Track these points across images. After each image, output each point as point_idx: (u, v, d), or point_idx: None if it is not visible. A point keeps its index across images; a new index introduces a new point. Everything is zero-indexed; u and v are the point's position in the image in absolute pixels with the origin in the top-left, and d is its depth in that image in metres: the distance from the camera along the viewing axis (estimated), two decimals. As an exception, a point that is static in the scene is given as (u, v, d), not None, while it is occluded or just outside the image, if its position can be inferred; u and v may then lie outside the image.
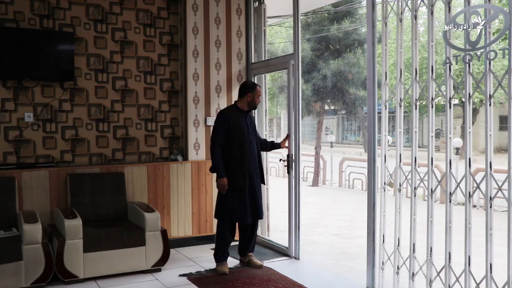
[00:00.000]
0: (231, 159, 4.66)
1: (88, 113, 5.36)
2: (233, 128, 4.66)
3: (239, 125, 4.70)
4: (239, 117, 4.74)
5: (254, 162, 4.77)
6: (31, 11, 5.08)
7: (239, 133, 4.69)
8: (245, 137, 4.71)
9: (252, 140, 4.77)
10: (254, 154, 4.78)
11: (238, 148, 4.67)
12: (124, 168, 5.30)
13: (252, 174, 4.75)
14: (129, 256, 4.59)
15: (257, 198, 4.81)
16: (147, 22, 5.64)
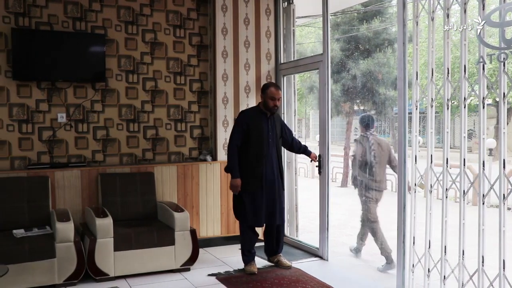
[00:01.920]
0: (246, 161, 4.63)
1: (119, 114, 5.43)
2: (251, 130, 4.63)
3: (258, 127, 4.66)
4: (260, 119, 4.69)
5: (271, 166, 4.69)
6: (65, 14, 5.18)
7: (257, 135, 4.64)
8: (263, 140, 4.65)
9: (271, 144, 4.69)
10: (272, 158, 4.70)
11: (255, 150, 4.63)
12: (154, 168, 5.36)
13: (268, 178, 4.68)
14: (159, 256, 4.63)
15: (274, 203, 4.72)
16: (177, 23, 5.69)
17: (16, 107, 5.02)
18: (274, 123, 4.77)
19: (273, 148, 4.70)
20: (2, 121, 4.97)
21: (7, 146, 4.99)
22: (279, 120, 4.92)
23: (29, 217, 4.66)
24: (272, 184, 4.70)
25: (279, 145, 4.82)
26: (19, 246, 4.14)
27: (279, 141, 4.83)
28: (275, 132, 4.74)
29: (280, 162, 4.80)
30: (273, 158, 4.71)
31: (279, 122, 4.90)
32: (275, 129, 4.76)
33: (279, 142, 4.83)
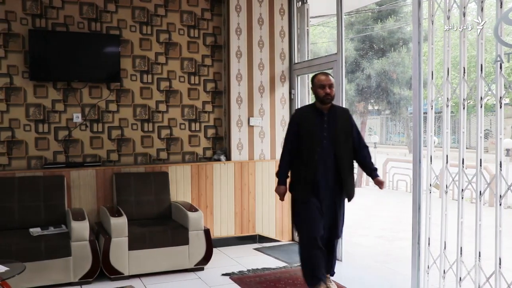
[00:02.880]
0: (299, 166, 4.00)
1: (134, 114, 5.47)
2: (302, 130, 3.95)
3: (310, 126, 3.93)
4: (314, 117, 3.94)
5: (325, 172, 3.89)
6: (80, 15, 5.23)
7: (308, 136, 3.93)
8: (314, 141, 3.89)
9: (326, 146, 3.87)
10: (328, 163, 3.88)
11: (306, 153, 3.91)
12: (168, 167, 5.38)
13: (322, 185, 3.90)
14: (173, 255, 4.65)
15: (333, 216, 4.00)
16: (191, 23, 5.71)
17: (33, 107, 5.07)
18: (334, 121, 3.94)
19: (329, 151, 3.88)
20: (19, 121, 5.03)
21: (24, 146, 5.05)
22: (344, 118, 4.01)
23: (45, 216, 4.71)
24: (329, 193, 3.94)
25: (341, 147, 3.92)
26: (35, 244, 4.18)
27: (342, 142, 3.93)
28: (333, 132, 3.91)
29: (342, 168, 3.91)
30: (329, 163, 3.89)
31: (344, 119, 3.99)
32: (334, 128, 3.92)
33: (341, 144, 3.92)
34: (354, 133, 4.01)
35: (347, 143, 3.95)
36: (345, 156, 3.93)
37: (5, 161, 4.99)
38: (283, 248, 5.59)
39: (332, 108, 3.97)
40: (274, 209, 5.85)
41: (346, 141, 3.95)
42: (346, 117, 4.01)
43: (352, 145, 3.98)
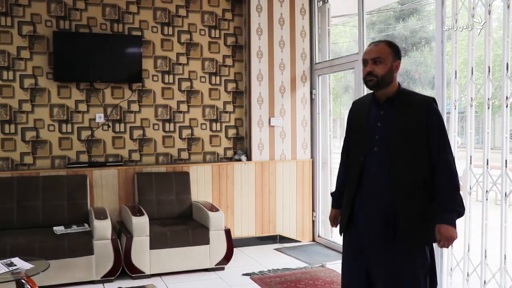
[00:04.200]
0: (346, 181, 2.71)
1: (155, 114, 5.51)
2: (352, 130, 2.73)
3: (360, 124, 2.61)
4: (368, 110, 2.59)
5: (372, 200, 2.48)
6: (103, 16, 5.29)
7: (355, 140, 2.66)
8: (360, 148, 2.57)
9: (377, 155, 2.48)
10: (378, 184, 2.47)
11: (350, 167, 2.67)
12: (189, 167, 5.41)
13: (363, 223, 2.51)
14: (194, 254, 4.67)
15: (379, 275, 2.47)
16: (212, 24, 5.73)
17: (57, 108, 5.15)
18: (395, 116, 2.48)
19: (381, 164, 2.47)
20: (43, 121, 5.11)
21: (48, 146, 5.13)
22: (416, 112, 2.45)
23: (69, 214, 4.77)
24: (380, 239, 2.45)
25: (399, 159, 2.43)
26: (59, 242, 4.24)
27: (401, 150, 2.43)
28: (390, 131, 2.46)
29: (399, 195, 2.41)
30: (379, 185, 2.46)
31: (415, 114, 2.45)
32: (391, 126, 2.47)
33: (400, 154, 2.43)
34: (433, 138, 2.40)
35: (412, 153, 2.41)
36: (406, 174, 2.40)
37: (30, 161, 5.07)
38: (303, 249, 5.57)
39: (396, 96, 2.50)
40: (295, 210, 5.83)
41: (411, 149, 2.41)
42: (420, 111, 2.42)
43: (428, 157, 2.41)
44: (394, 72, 2.50)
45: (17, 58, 5.02)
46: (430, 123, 2.43)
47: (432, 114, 2.44)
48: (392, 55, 2.50)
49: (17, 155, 5.04)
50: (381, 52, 2.48)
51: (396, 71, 2.51)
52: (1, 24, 4.97)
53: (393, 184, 2.43)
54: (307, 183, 5.90)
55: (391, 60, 2.49)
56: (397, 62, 2.51)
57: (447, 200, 2.37)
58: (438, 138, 2.43)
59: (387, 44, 2.52)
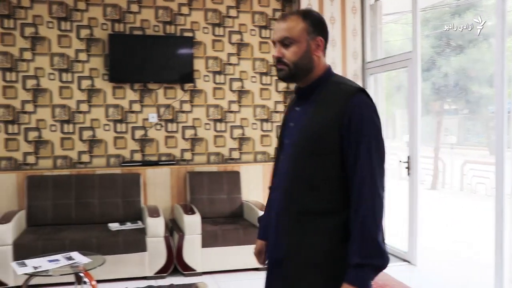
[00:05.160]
0: None
1: (207, 114, 5.58)
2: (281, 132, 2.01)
3: (284, 124, 1.96)
4: (292, 104, 1.96)
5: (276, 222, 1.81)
6: (156, 18, 5.41)
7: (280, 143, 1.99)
8: (280, 151, 1.94)
9: (285, 163, 1.81)
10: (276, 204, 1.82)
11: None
12: (240, 167, 5.45)
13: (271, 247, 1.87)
14: (245, 253, 4.69)
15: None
16: (263, 24, 5.74)
17: (112, 108, 5.31)
18: (309, 112, 1.77)
19: (281, 177, 1.82)
20: (99, 121, 5.28)
21: (104, 145, 5.29)
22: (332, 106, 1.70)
23: (123, 212, 4.91)
24: (279, 265, 1.80)
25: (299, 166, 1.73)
26: (114, 238, 4.38)
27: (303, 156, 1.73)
28: (297, 135, 1.78)
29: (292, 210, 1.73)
30: (274, 207, 1.83)
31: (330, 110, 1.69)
32: (302, 126, 1.77)
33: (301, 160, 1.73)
34: (351, 148, 1.64)
35: (317, 169, 1.69)
36: (302, 199, 1.71)
37: (87, 159, 5.25)
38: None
39: (316, 86, 1.80)
40: (346, 210, 5.75)
41: (316, 163, 1.69)
42: (338, 107, 1.67)
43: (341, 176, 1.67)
44: (314, 53, 1.77)
45: (75, 60, 5.21)
46: (347, 125, 1.63)
47: (353, 111, 1.63)
48: (308, 30, 1.74)
49: (75, 154, 5.23)
50: (291, 29, 1.73)
51: (318, 52, 1.77)
52: (61, 29, 5.17)
53: (282, 211, 1.76)
54: (358, 183, 5.80)
55: (306, 38, 1.74)
56: (318, 38, 1.76)
57: (356, 248, 1.57)
58: (357, 148, 1.61)
59: (301, 15, 1.76)
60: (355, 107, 1.64)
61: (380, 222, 1.60)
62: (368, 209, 1.58)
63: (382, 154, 1.66)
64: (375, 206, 1.59)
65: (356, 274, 1.55)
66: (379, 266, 1.57)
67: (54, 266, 3.44)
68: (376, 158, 1.63)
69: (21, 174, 4.92)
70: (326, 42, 1.82)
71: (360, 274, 1.55)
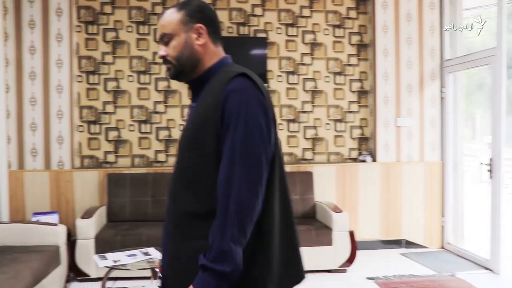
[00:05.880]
0: None
1: (280, 114, 5.58)
2: None
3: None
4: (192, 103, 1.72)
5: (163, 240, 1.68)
6: (229, 20, 5.48)
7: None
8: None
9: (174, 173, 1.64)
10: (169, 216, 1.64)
11: None
12: (313, 167, 5.40)
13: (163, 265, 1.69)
14: (316, 255, 4.65)
15: None
16: (336, 23, 5.67)
17: (187, 108, 5.42)
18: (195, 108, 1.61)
19: (172, 176, 1.64)
20: (175, 121, 5.43)
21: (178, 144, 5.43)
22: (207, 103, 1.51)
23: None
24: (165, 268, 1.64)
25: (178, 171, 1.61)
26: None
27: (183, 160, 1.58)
28: (185, 131, 1.61)
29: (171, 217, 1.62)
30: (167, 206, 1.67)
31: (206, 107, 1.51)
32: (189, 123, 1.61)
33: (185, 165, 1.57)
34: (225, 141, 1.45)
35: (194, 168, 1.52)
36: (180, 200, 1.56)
37: (163, 158, 5.42)
38: (431, 255, 5.29)
39: (202, 78, 1.64)
40: (422, 214, 5.56)
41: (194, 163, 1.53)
42: (215, 97, 1.49)
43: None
44: (196, 43, 1.60)
45: (152, 62, 5.39)
46: (221, 116, 1.45)
47: (226, 99, 1.45)
48: (184, 21, 1.59)
49: (152, 153, 5.41)
50: (167, 25, 1.61)
51: (200, 40, 1.60)
52: (140, 32, 5.37)
53: (167, 216, 1.65)
54: (436, 186, 5.59)
55: (183, 29, 1.59)
56: (197, 26, 1.59)
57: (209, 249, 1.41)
58: (229, 134, 1.43)
59: (176, 7, 1.62)
60: (228, 94, 1.45)
61: (233, 227, 1.39)
62: (221, 213, 1.40)
63: (255, 149, 1.42)
64: (228, 211, 1.39)
65: (200, 276, 1.41)
66: (222, 273, 1.38)
67: (132, 260, 3.56)
68: (243, 155, 1.41)
69: (102, 172, 5.15)
70: (213, 28, 1.64)
71: (203, 277, 1.40)
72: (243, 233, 1.40)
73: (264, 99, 1.48)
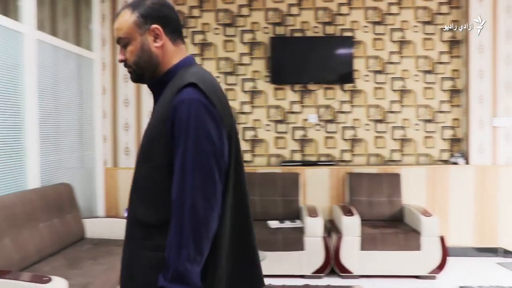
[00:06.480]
0: None
1: (367, 114, 5.46)
2: None
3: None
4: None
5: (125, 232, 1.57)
6: (315, 19, 5.45)
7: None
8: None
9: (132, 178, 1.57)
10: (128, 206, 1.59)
11: None
12: (401, 169, 5.22)
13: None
14: (404, 259, 4.49)
15: None
16: (427, 19, 5.44)
17: (273, 109, 5.47)
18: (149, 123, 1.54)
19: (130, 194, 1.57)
20: (261, 122, 5.48)
21: (264, 144, 5.48)
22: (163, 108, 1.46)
23: (282, 210, 5.02)
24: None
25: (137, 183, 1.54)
26: (274, 236, 4.49)
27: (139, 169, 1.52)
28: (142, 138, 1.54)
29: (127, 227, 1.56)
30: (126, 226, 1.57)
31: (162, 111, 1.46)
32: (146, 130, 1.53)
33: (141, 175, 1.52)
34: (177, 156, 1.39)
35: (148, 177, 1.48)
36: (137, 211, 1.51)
37: (249, 158, 5.48)
38: (532, 265, 4.93)
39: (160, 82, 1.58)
40: (522, 220, 5.19)
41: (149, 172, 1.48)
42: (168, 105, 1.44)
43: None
44: (153, 46, 1.52)
45: (239, 63, 5.48)
46: (171, 127, 1.41)
47: (175, 110, 1.39)
48: (138, 23, 1.50)
49: (238, 153, 5.49)
50: (121, 28, 1.52)
51: (158, 42, 1.52)
52: (227, 34, 5.48)
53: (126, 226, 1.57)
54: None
55: (139, 32, 1.51)
56: (152, 28, 1.50)
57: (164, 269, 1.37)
58: (179, 149, 1.38)
59: (130, 8, 1.52)
60: (176, 106, 1.39)
61: (189, 247, 1.33)
62: (176, 231, 1.34)
63: (206, 163, 1.37)
64: (183, 228, 1.33)
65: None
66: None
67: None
68: (194, 169, 1.36)
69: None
70: (171, 27, 1.53)
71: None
72: (199, 251, 1.34)
73: (214, 109, 1.40)
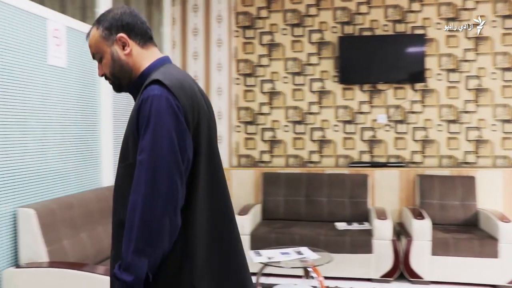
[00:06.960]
0: None
1: (439, 114, 5.26)
2: None
3: None
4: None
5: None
6: (385, 18, 5.32)
7: None
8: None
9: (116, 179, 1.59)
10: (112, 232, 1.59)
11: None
12: (476, 171, 5.00)
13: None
14: (479, 267, 4.29)
15: None
16: (506, 13, 5.15)
17: (342, 109, 5.40)
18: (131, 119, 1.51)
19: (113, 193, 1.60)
20: (329, 122, 5.42)
21: (333, 145, 5.43)
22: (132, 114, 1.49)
23: (350, 211, 4.95)
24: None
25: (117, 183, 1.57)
26: (341, 238, 4.44)
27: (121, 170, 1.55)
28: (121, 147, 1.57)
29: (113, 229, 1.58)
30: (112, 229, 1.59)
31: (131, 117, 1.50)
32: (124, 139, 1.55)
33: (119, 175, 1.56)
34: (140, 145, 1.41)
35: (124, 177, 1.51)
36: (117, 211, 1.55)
37: (316, 159, 5.45)
38: None
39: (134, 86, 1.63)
40: None
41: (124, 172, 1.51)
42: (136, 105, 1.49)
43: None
44: (122, 54, 1.58)
45: (307, 64, 5.46)
46: (137, 126, 1.44)
47: (140, 108, 1.42)
48: (104, 36, 1.58)
49: (306, 153, 5.48)
50: (92, 44, 1.61)
51: (126, 50, 1.58)
52: (294, 34, 5.48)
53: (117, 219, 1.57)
54: None
55: (107, 44, 1.58)
56: (118, 37, 1.57)
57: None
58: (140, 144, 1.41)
59: (95, 24, 1.60)
60: (140, 104, 1.42)
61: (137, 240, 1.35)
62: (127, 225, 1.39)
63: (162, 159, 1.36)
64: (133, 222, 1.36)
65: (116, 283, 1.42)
66: (124, 282, 1.37)
67: (285, 258, 3.65)
68: (150, 165, 1.36)
69: (257, 171, 5.35)
70: (135, 32, 1.59)
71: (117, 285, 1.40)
72: (148, 244, 1.36)
73: (178, 103, 1.40)
